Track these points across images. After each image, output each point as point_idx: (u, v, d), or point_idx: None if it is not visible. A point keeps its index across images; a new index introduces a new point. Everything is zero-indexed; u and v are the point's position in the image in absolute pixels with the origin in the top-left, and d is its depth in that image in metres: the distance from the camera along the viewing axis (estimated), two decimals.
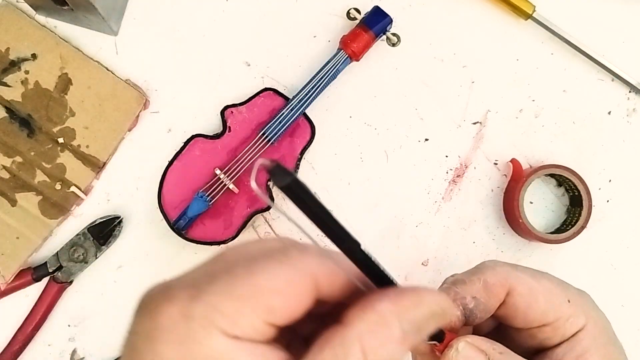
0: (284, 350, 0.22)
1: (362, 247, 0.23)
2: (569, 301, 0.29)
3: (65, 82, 0.51)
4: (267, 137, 0.50)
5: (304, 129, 0.51)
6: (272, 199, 0.51)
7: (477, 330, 0.32)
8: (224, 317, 0.20)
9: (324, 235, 0.21)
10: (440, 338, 0.28)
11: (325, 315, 0.24)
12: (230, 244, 0.50)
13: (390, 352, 0.21)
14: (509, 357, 0.28)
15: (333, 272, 0.22)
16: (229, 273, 0.21)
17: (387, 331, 0.21)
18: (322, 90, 0.51)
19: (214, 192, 0.49)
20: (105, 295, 0.51)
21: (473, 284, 0.29)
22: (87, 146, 0.51)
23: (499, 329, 0.32)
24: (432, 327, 0.23)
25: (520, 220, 0.50)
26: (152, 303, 0.21)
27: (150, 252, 0.52)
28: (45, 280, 0.50)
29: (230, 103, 0.51)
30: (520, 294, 0.29)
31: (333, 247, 0.22)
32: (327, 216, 0.21)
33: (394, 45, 0.52)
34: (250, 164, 0.50)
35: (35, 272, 0.50)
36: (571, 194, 0.53)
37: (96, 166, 0.51)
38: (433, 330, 0.23)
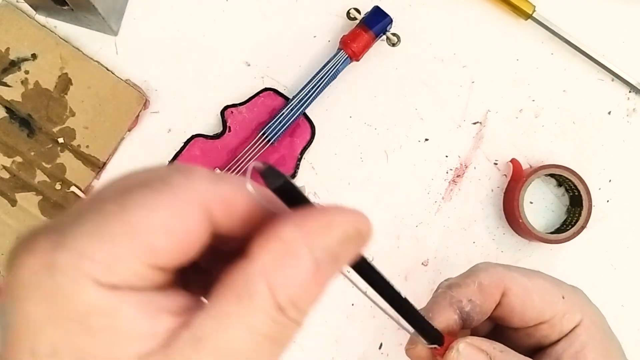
0: (182, 293, 0.19)
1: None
2: (563, 298, 0.29)
3: (65, 82, 0.51)
4: (267, 137, 0.50)
5: (304, 129, 0.51)
6: None
7: (474, 333, 0.32)
8: (95, 264, 0.17)
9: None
10: (440, 341, 0.28)
11: (233, 252, 0.20)
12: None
13: (303, 287, 0.17)
14: (509, 355, 0.28)
15: (230, 199, 0.19)
16: (98, 211, 0.18)
17: (296, 262, 0.17)
18: (322, 90, 0.51)
19: None
20: None
21: (468, 286, 0.29)
22: (87, 146, 0.51)
23: (495, 330, 0.32)
24: (350, 253, 0.19)
25: (520, 220, 0.50)
26: (14, 256, 0.18)
27: None
28: None
29: (230, 103, 0.51)
30: (515, 294, 0.29)
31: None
32: None
33: (394, 45, 0.52)
34: (250, 164, 0.50)
35: None
36: (571, 194, 0.53)
37: (96, 166, 0.51)
38: (350, 258, 0.19)
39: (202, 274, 0.21)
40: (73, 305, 0.17)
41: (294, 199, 0.18)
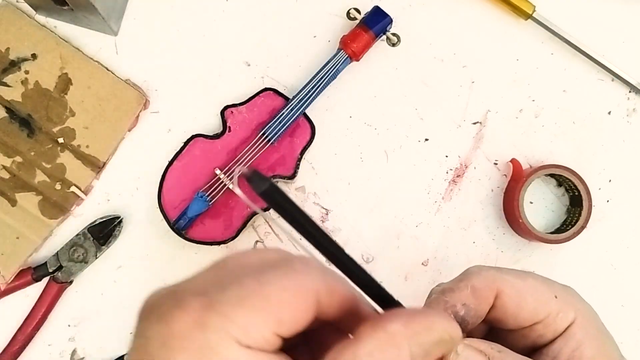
0: (290, 358, 0.22)
1: (347, 253, 0.24)
2: (556, 297, 0.30)
3: (65, 82, 0.51)
4: (267, 137, 0.50)
5: (304, 129, 0.51)
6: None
7: (469, 337, 0.32)
8: (237, 327, 0.21)
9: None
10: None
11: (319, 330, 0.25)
12: (230, 249, 0.50)
13: None
14: (507, 355, 0.28)
15: (334, 288, 0.23)
16: (239, 283, 0.22)
17: (397, 352, 0.21)
18: (322, 90, 0.51)
19: (214, 192, 0.49)
20: (105, 295, 0.51)
21: (461, 291, 0.30)
22: (87, 146, 0.51)
23: (490, 333, 0.32)
24: (439, 354, 0.23)
25: (520, 220, 0.50)
26: (162, 308, 0.22)
27: (150, 252, 0.52)
28: (45, 280, 0.50)
29: (230, 103, 0.51)
30: (508, 295, 0.29)
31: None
32: (307, 221, 0.22)
33: (394, 45, 0.52)
34: (250, 164, 0.50)
35: (35, 272, 0.50)
36: (571, 194, 0.53)
37: (96, 166, 0.51)
38: (439, 356, 0.23)
39: (304, 346, 0.26)
40: (216, 358, 0.20)
41: (281, 202, 0.21)
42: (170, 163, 0.50)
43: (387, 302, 0.26)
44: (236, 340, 0.21)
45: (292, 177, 0.51)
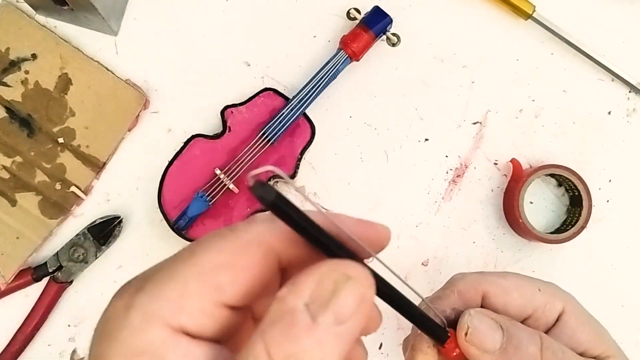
0: (228, 354, 0.20)
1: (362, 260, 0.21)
2: (539, 290, 0.30)
3: (65, 82, 0.51)
4: (267, 137, 0.50)
5: (304, 129, 0.51)
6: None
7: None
8: (167, 304, 0.18)
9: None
10: (444, 338, 0.28)
11: None
12: None
13: (299, 341, 0.17)
14: (515, 323, 0.29)
15: (289, 232, 0.20)
16: (173, 259, 0.20)
17: (291, 317, 0.17)
18: (322, 90, 0.51)
19: (214, 192, 0.49)
20: (105, 295, 0.51)
21: (448, 297, 0.30)
22: (87, 146, 0.51)
23: None
24: (350, 302, 0.18)
25: (520, 220, 0.50)
26: (111, 299, 0.20)
27: (150, 252, 0.52)
28: (45, 280, 0.50)
29: (230, 103, 0.51)
30: (494, 294, 0.30)
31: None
32: (318, 230, 0.20)
33: (394, 45, 0.52)
34: (250, 164, 0.50)
35: (35, 272, 0.50)
36: (571, 194, 0.53)
37: (96, 166, 0.51)
38: (355, 308, 0.18)
39: None
40: (135, 342, 0.18)
41: (289, 213, 0.19)
42: (170, 163, 0.50)
43: (419, 319, 0.26)
44: (164, 320, 0.18)
45: (292, 177, 0.51)
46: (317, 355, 0.17)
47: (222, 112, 0.51)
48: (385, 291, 0.23)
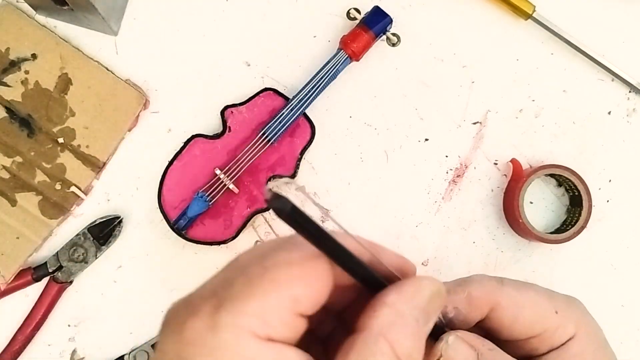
0: (309, 356, 0.21)
1: (377, 275, 0.23)
2: (556, 312, 0.29)
3: (65, 82, 0.51)
4: (267, 137, 0.50)
5: (304, 129, 0.51)
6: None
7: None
8: (251, 318, 0.20)
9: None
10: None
11: (339, 315, 0.24)
12: (230, 249, 0.50)
13: (413, 340, 0.21)
14: (498, 354, 0.28)
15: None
16: (245, 275, 0.21)
17: (404, 320, 0.21)
18: (322, 90, 0.51)
19: (214, 192, 0.49)
20: (105, 295, 0.51)
21: (457, 294, 0.29)
22: (87, 146, 0.51)
23: (485, 335, 0.32)
24: (437, 309, 0.24)
25: (520, 220, 0.50)
26: (176, 320, 0.21)
27: (150, 252, 0.52)
28: (45, 280, 0.50)
29: (230, 103, 0.51)
30: (505, 309, 0.29)
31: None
32: (333, 242, 0.21)
33: (394, 45, 0.52)
34: (250, 164, 0.50)
35: (35, 272, 0.50)
36: (571, 194, 0.53)
37: (96, 166, 0.51)
38: (437, 313, 0.24)
39: (319, 344, 0.25)
40: (233, 358, 0.19)
41: (304, 224, 0.20)
42: (170, 163, 0.50)
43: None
44: (253, 333, 0.20)
45: (292, 177, 0.51)
46: (421, 350, 0.22)
47: (222, 112, 0.51)
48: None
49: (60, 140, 0.50)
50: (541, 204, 0.54)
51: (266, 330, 0.20)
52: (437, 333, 0.28)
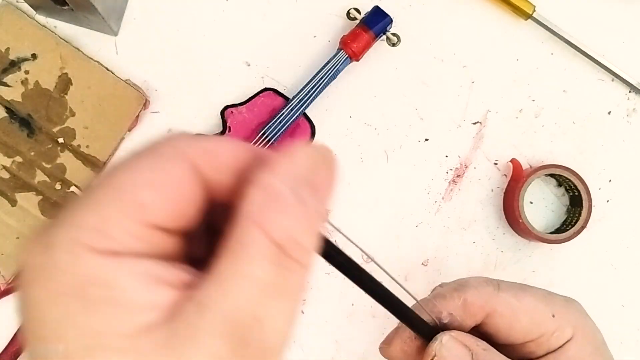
0: (189, 269, 0.18)
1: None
2: (553, 316, 0.29)
3: (65, 82, 0.51)
4: (267, 137, 0.50)
5: (304, 129, 0.51)
6: None
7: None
8: (88, 231, 0.16)
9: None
10: (429, 339, 0.28)
11: None
12: None
13: (295, 219, 0.17)
14: (492, 355, 0.28)
15: (212, 149, 0.18)
16: (89, 187, 0.18)
17: (279, 197, 0.17)
18: (322, 90, 0.51)
19: None
20: None
21: (452, 300, 0.29)
22: (87, 146, 0.51)
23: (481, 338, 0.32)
24: (324, 177, 0.18)
25: (520, 220, 0.50)
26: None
27: None
28: None
29: (230, 103, 0.51)
30: (501, 315, 0.29)
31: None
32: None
33: (394, 45, 0.52)
34: None
35: None
36: (571, 194, 0.53)
37: (96, 166, 0.51)
38: (328, 183, 0.19)
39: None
40: (70, 278, 0.16)
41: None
42: None
43: (407, 317, 0.26)
44: (90, 247, 0.16)
45: None
46: (310, 231, 0.17)
47: (222, 112, 0.51)
48: (377, 290, 0.23)
49: (60, 140, 0.50)
50: (541, 204, 0.54)
51: (106, 243, 0.16)
52: (431, 334, 0.28)
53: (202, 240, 0.20)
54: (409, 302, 0.27)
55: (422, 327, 0.27)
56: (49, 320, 0.17)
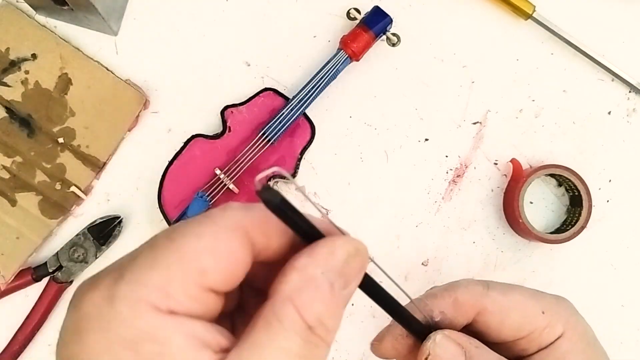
0: (226, 334, 0.20)
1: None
2: (543, 312, 0.29)
3: (65, 82, 0.51)
4: (267, 137, 0.50)
5: (304, 129, 0.51)
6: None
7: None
8: (153, 290, 0.18)
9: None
10: (422, 338, 0.28)
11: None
12: None
13: (325, 305, 0.20)
14: (484, 352, 0.28)
15: (262, 219, 0.21)
16: (150, 247, 0.20)
17: (315, 284, 0.20)
18: (322, 90, 0.51)
19: (214, 192, 0.49)
20: None
21: (443, 299, 0.29)
22: (87, 146, 0.51)
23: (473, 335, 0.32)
24: (355, 271, 0.21)
25: (520, 220, 0.50)
26: (78, 296, 0.20)
27: None
28: (45, 280, 0.50)
29: (230, 103, 0.51)
30: (491, 313, 0.29)
31: None
32: (315, 231, 0.21)
33: (394, 45, 0.52)
34: (250, 164, 0.50)
35: (35, 272, 0.50)
36: (571, 194, 0.53)
37: (96, 166, 0.51)
38: (357, 275, 0.22)
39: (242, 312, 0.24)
40: (129, 331, 0.18)
41: (291, 216, 0.20)
42: (170, 163, 0.50)
43: (409, 323, 0.26)
44: (152, 305, 0.18)
45: (292, 177, 0.51)
46: (336, 316, 0.20)
47: (222, 112, 0.51)
48: (372, 288, 0.24)
49: (60, 140, 0.50)
50: (541, 204, 0.54)
51: (168, 303, 0.18)
52: (423, 333, 0.28)
53: (235, 294, 0.23)
54: (403, 301, 0.27)
55: (414, 325, 0.28)
56: None
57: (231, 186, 0.49)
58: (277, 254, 0.21)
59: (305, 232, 0.21)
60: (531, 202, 0.54)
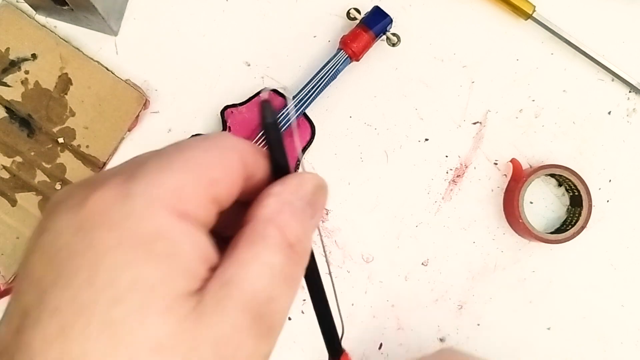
0: (217, 249, 0.20)
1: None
2: None
3: (65, 82, 0.51)
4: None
5: (304, 129, 0.51)
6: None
7: None
8: (167, 191, 0.18)
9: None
10: (336, 356, 0.29)
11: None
12: None
13: (302, 227, 0.21)
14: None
15: (254, 151, 0.22)
16: (160, 155, 0.20)
17: (291, 207, 0.21)
18: (322, 90, 0.51)
19: None
20: None
21: None
22: (87, 146, 0.51)
23: None
24: (320, 203, 0.23)
25: (520, 220, 0.50)
26: (72, 199, 0.19)
27: None
28: None
29: (230, 103, 0.51)
30: None
31: None
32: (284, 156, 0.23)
33: (394, 45, 0.52)
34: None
35: None
36: (571, 194, 0.53)
37: (96, 166, 0.51)
38: (321, 207, 0.23)
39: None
40: (142, 229, 0.17)
41: (276, 138, 0.22)
42: None
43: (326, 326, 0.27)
44: (167, 205, 0.18)
45: None
46: (309, 239, 0.21)
47: (222, 112, 0.51)
48: (315, 288, 0.25)
49: (60, 140, 0.50)
50: (541, 204, 0.54)
51: (181, 206, 0.18)
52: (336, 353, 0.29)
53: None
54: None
55: (334, 340, 0.28)
56: (104, 266, 0.17)
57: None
58: (252, 190, 0.22)
59: (280, 164, 0.22)
60: (531, 202, 0.54)
